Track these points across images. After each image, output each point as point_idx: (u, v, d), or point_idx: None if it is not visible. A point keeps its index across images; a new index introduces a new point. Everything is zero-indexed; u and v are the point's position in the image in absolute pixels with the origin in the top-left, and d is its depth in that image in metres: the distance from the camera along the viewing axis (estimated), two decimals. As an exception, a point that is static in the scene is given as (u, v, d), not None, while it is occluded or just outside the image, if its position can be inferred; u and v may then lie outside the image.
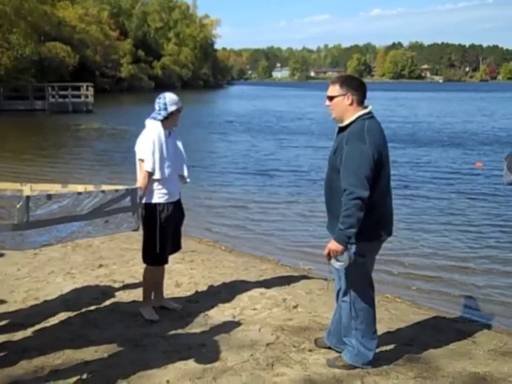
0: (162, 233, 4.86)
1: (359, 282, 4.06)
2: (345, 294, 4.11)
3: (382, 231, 3.95)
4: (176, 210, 5.03)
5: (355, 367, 4.12)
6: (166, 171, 4.87)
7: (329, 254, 3.82)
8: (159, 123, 4.86)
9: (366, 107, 3.91)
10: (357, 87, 3.88)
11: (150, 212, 4.79)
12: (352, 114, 3.86)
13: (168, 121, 4.89)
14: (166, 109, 4.86)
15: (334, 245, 3.76)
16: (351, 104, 3.86)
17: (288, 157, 18.38)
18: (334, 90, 3.90)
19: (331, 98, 3.92)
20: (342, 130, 3.93)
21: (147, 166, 4.79)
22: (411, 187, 13.10)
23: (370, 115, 3.88)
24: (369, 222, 3.77)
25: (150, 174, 4.81)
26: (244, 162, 17.60)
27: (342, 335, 4.22)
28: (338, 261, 3.81)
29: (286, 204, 11.30)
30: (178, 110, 4.93)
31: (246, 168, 16.40)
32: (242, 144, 22.16)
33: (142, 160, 4.82)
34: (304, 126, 29.58)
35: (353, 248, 3.85)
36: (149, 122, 4.91)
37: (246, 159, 18.08)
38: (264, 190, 12.99)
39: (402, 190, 12.54)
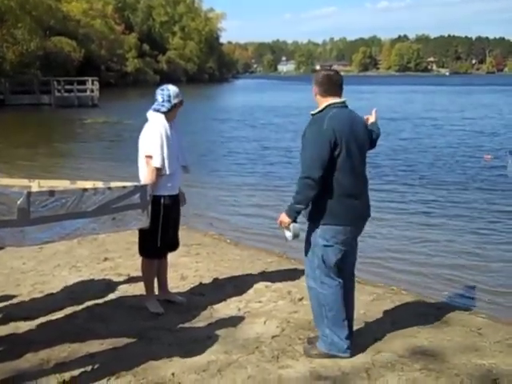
0: (164, 226, 4.83)
1: (325, 267, 4.09)
2: (312, 280, 4.17)
3: (343, 215, 4.02)
4: (176, 204, 5.02)
5: (331, 356, 4.14)
6: (174, 165, 4.83)
7: (281, 225, 4.10)
8: (163, 116, 4.81)
9: (339, 97, 4.13)
10: (319, 80, 4.12)
11: (153, 204, 4.63)
12: (323, 103, 4.10)
13: (170, 113, 4.84)
14: (169, 101, 4.79)
15: (283, 216, 4.06)
16: (315, 95, 4.15)
17: (294, 150, 18.30)
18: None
19: None
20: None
21: (156, 162, 4.70)
22: (423, 181, 13.11)
23: (340, 105, 4.09)
24: (327, 205, 3.98)
25: (159, 169, 4.73)
26: (250, 157, 17.58)
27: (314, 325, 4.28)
28: (287, 231, 4.11)
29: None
30: (180, 103, 4.89)
31: (251, 162, 16.42)
32: (246, 139, 22.13)
33: (149, 156, 4.73)
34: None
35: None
36: (152, 115, 4.84)
37: (252, 154, 18.04)
38: (269, 185, 12.95)
39: (416, 182, 12.60)
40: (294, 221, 4.04)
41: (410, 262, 7.32)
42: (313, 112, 4.12)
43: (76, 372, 3.93)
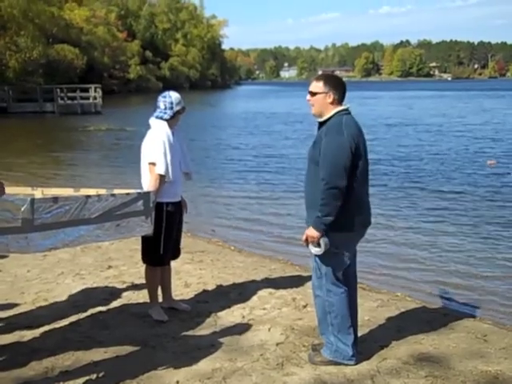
0: (167, 233, 4.83)
1: (333, 274, 4.08)
2: (318, 288, 4.16)
3: (354, 222, 4.01)
4: (179, 211, 5.02)
5: (336, 363, 4.14)
6: (176, 172, 4.83)
7: (306, 240, 3.98)
8: (165, 123, 4.81)
9: (343, 104, 4.06)
10: (337, 86, 4.03)
11: (156, 211, 4.62)
12: (331, 110, 3.99)
13: (173, 120, 4.84)
14: (172, 108, 4.80)
15: (311, 231, 3.93)
16: (332, 102, 3.99)
17: (295, 157, 18.30)
18: (317, 86, 4.03)
19: (313, 94, 4.05)
20: (321, 125, 4.06)
21: (160, 169, 4.68)
22: (426, 186, 13.09)
23: (347, 112, 4.03)
24: (340, 212, 3.88)
25: (162, 176, 4.71)
26: (251, 164, 17.49)
27: (319, 332, 4.26)
28: (315, 247, 3.96)
29: (296, 205, 11.26)
30: (182, 110, 4.89)
31: (252, 170, 16.33)
32: (247, 147, 22.07)
33: (153, 163, 4.72)
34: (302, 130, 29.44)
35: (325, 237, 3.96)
36: (155, 122, 4.84)
37: (253, 162, 17.93)
38: (273, 192, 12.93)
39: (420, 189, 12.65)
40: (323, 235, 3.92)
41: (415, 268, 7.29)
42: (321, 120, 4.04)
43: (80, 380, 3.92)
